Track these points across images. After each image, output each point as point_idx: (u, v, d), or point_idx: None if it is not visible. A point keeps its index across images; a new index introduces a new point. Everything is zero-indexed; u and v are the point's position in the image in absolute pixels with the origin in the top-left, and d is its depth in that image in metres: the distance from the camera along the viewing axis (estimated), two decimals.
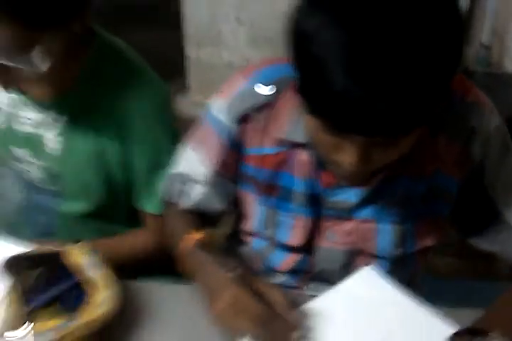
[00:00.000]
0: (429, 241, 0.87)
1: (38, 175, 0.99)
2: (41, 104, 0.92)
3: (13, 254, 0.77)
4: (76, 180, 0.98)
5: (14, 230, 1.02)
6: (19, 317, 0.68)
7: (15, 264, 0.76)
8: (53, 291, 0.73)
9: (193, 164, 0.88)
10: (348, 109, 0.58)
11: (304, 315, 0.76)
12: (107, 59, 0.91)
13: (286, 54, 0.63)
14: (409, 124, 0.63)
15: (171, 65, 2.13)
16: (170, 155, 0.93)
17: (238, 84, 0.82)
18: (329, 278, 0.87)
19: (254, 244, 0.92)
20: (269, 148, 0.82)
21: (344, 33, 0.56)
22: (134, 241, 1.02)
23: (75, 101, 0.91)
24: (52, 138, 0.95)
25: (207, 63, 2.28)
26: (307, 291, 0.90)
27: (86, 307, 0.71)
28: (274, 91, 0.79)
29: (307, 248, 0.87)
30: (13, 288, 0.72)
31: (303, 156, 0.80)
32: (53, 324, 0.68)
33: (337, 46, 0.56)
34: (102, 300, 0.72)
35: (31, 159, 0.98)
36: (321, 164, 0.79)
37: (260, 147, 0.82)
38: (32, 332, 0.67)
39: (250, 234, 0.92)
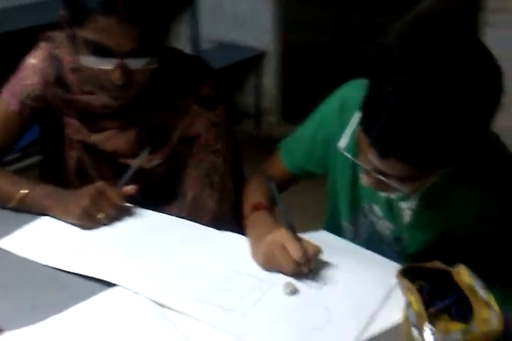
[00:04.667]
0: None
1: (386, 233, 1.13)
2: None
3: (410, 264, 0.91)
4: (418, 249, 1.10)
5: None
6: (422, 316, 0.81)
7: (409, 272, 0.90)
8: (445, 301, 0.85)
9: None
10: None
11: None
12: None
13: None
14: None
15: None
16: None
17: None
18: None
19: None
20: None
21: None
22: None
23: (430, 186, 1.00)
24: (405, 209, 1.07)
25: None
26: None
27: (475, 321, 0.81)
28: None
29: None
30: (413, 291, 0.85)
31: None
32: (455, 328, 0.78)
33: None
34: (488, 317, 0.81)
35: (384, 219, 1.12)
36: None
37: None
38: (436, 330, 0.78)
39: None
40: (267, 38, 3.14)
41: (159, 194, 1.23)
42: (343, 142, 0.96)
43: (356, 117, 0.93)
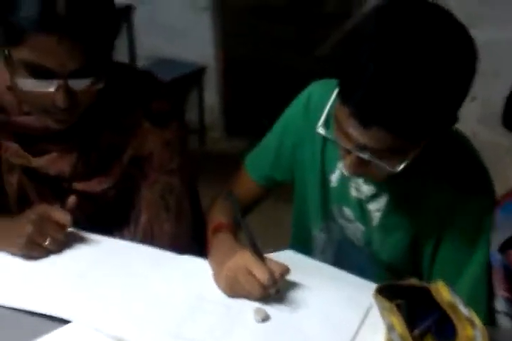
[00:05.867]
0: None
1: (358, 237, 1.10)
2: (373, 181, 1.02)
3: (386, 283, 0.87)
4: (389, 253, 1.07)
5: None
6: (407, 339, 0.76)
7: (387, 290, 0.86)
8: (427, 321, 0.81)
9: None
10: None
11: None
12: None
13: None
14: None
15: None
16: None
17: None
18: None
19: None
20: None
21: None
22: None
23: (399, 185, 0.99)
24: (375, 210, 1.04)
25: None
26: None
27: (460, 340, 0.77)
28: None
29: None
30: (394, 312, 0.81)
31: None
32: None
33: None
34: (472, 335, 0.78)
35: (356, 221, 1.08)
36: None
37: None
38: None
39: None
40: (206, 52, 3.09)
41: (109, 219, 1.14)
42: (321, 121, 0.92)
43: (330, 101, 0.91)
